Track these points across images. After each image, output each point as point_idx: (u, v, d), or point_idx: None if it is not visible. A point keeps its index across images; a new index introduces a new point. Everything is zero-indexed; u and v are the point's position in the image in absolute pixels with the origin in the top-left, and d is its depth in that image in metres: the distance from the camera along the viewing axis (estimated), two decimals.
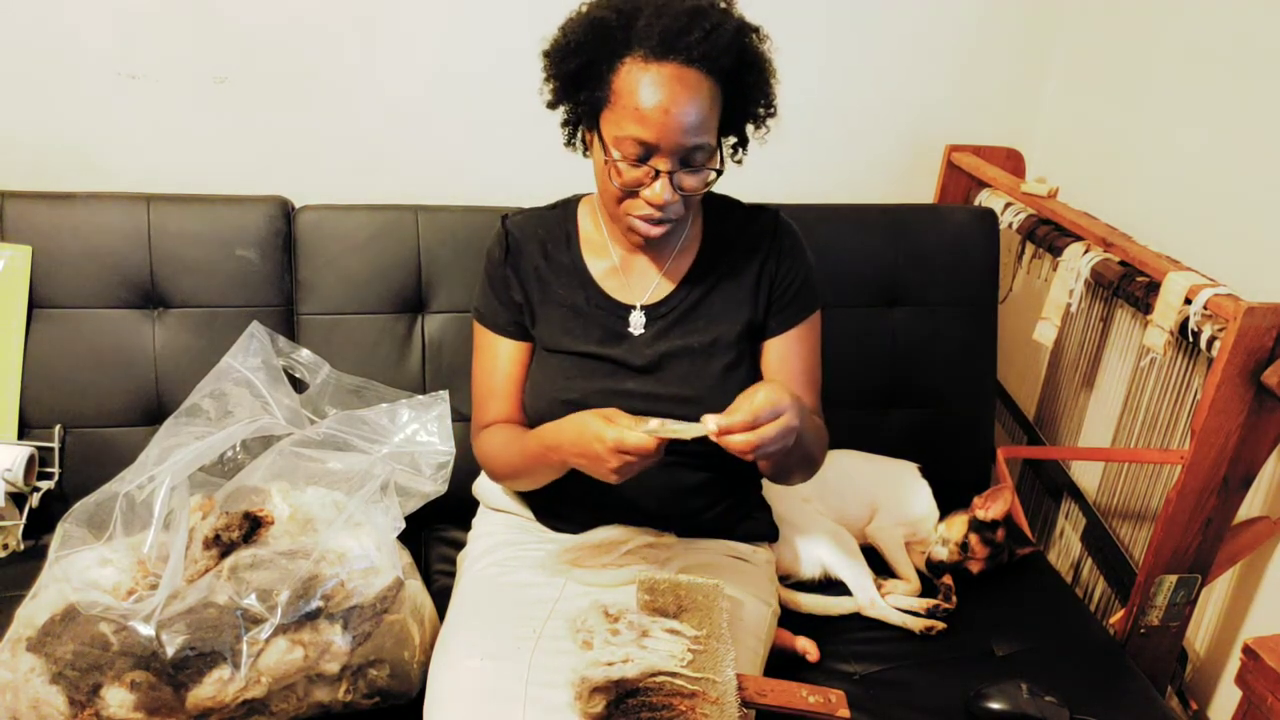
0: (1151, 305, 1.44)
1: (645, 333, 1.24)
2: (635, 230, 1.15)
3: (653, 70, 1.05)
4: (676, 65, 1.05)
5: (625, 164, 1.09)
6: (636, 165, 1.08)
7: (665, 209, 1.11)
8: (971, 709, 1.28)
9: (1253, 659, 1.10)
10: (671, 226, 1.16)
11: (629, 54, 1.06)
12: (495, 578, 1.25)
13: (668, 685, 1.04)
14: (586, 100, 1.11)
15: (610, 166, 1.10)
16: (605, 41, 1.07)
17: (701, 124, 1.07)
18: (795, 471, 1.25)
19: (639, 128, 1.06)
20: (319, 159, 1.77)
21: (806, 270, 1.28)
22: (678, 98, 1.05)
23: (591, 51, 1.08)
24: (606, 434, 1.02)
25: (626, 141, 1.07)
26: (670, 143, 1.06)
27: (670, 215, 1.13)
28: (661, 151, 1.07)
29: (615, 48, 1.06)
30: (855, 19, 1.86)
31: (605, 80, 1.07)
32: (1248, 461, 1.38)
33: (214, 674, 1.08)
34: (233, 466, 1.35)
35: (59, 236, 1.49)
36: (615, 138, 1.08)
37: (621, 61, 1.06)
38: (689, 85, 1.05)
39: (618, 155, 1.08)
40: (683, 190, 1.11)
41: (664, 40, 1.04)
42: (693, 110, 1.05)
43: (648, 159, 1.08)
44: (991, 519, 1.55)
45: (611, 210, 1.16)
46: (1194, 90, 1.62)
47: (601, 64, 1.07)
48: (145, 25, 1.63)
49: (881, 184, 1.99)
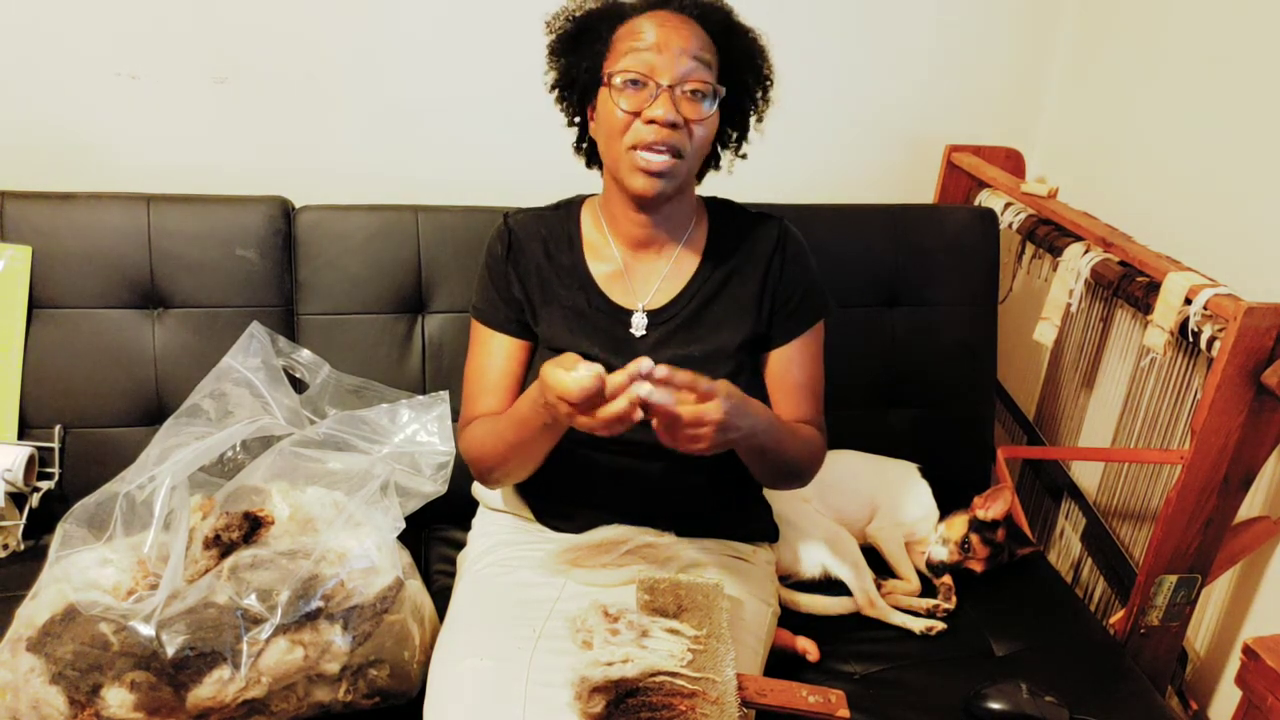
0: (1151, 305, 1.44)
1: (647, 335, 1.24)
2: (645, 168, 1.14)
3: (648, 14, 1.16)
4: (670, 11, 1.16)
5: (627, 85, 1.13)
6: (637, 88, 1.12)
7: (667, 138, 1.12)
8: (971, 709, 1.28)
9: (1253, 659, 1.10)
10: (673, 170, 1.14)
11: (629, 16, 1.17)
12: (495, 578, 1.25)
13: (668, 685, 1.04)
14: (589, 65, 1.17)
15: (613, 93, 1.13)
16: (604, 13, 1.18)
17: (698, 51, 1.14)
18: (779, 478, 1.26)
19: (643, 45, 1.13)
20: (319, 159, 1.77)
21: (810, 280, 1.28)
22: (679, 24, 1.14)
23: (593, 16, 1.18)
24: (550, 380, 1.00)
25: (629, 57, 1.13)
26: (672, 54, 1.12)
27: (672, 144, 1.13)
28: (664, 67, 1.12)
29: (612, 18, 1.17)
30: (855, 19, 1.86)
31: (605, 39, 1.16)
32: (1248, 461, 1.38)
33: (214, 674, 1.08)
34: (233, 466, 1.35)
35: (59, 236, 1.49)
36: (617, 67, 1.14)
37: (622, 22, 1.17)
38: (683, 21, 1.15)
39: (619, 81, 1.13)
40: (686, 118, 1.13)
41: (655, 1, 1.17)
42: (688, 36, 1.14)
43: (649, 78, 1.12)
44: (991, 519, 1.55)
45: (617, 157, 1.15)
46: (1194, 90, 1.62)
47: (601, 25, 1.17)
48: (145, 25, 1.63)
49: (881, 184, 1.99)
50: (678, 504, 1.28)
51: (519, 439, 1.16)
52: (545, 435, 1.14)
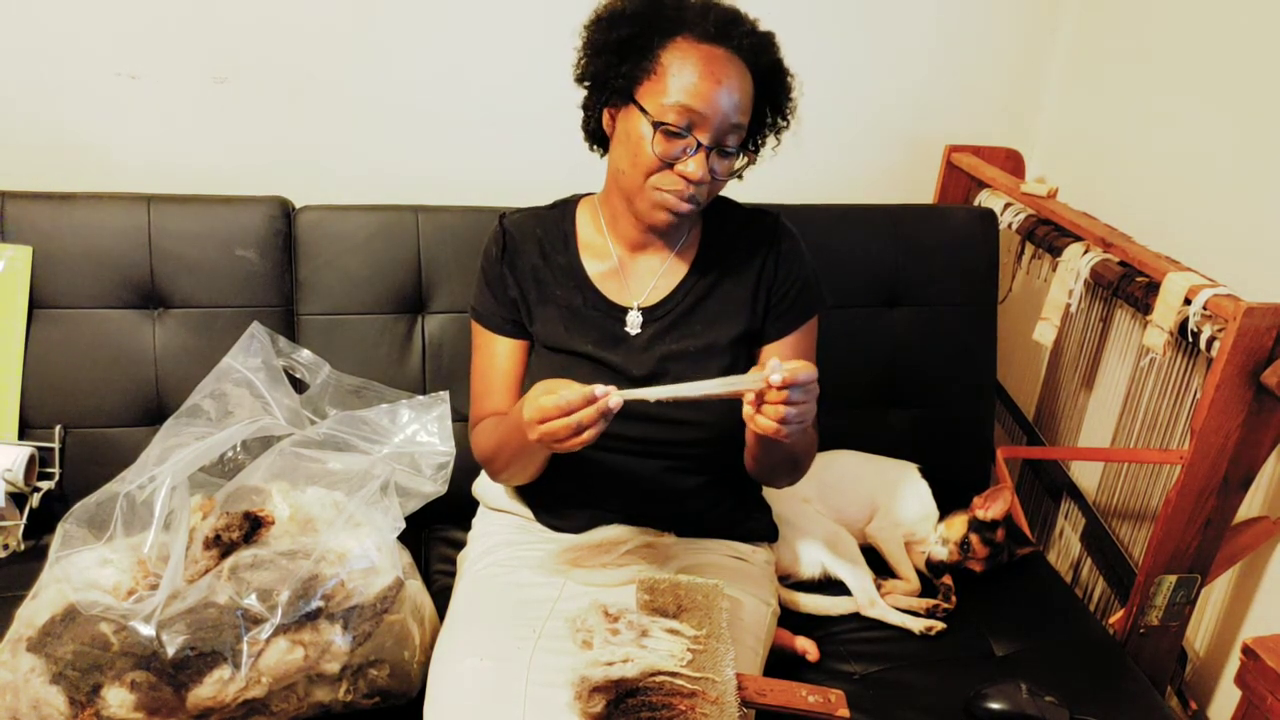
0: (1151, 305, 1.44)
1: (642, 333, 1.24)
2: (663, 207, 1.14)
3: (706, 49, 1.10)
4: (728, 50, 1.11)
5: (667, 134, 1.10)
6: (678, 137, 1.10)
7: (693, 194, 1.13)
8: (971, 709, 1.28)
9: (1252, 659, 1.11)
10: (690, 213, 1.16)
11: (682, 33, 1.11)
12: (495, 578, 1.25)
13: (668, 685, 1.04)
14: (627, 73, 1.13)
15: (654, 134, 1.10)
16: (659, 16, 1.12)
17: (741, 108, 1.12)
18: (783, 472, 1.26)
19: (690, 98, 1.09)
20: (319, 159, 1.77)
21: (805, 275, 1.28)
22: (730, 75, 1.10)
23: (644, 23, 1.12)
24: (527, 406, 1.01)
25: (675, 109, 1.09)
26: (717, 116, 1.09)
27: (699, 196, 1.14)
28: (706, 125, 1.10)
29: (668, 25, 1.11)
30: (855, 19, 1.86)
31: (652, 53, 1.11)
32: (1247, 461, 1.38)
33: (214, 674, 1.08)
34: (233, 467, 1.35)
35: (59, 236, 1.49)
36: (662, 106, 1.10)
37: (673, 39, 1.11)
38: (737, 69, 1.11)
39: (662, 123, 1.09)
40: (715, 172, 1.13)
41: (719, 26, 1.11)
42: (739, 91, 1.11)
43: (689, 132, 1.10)
44: (991, 519, 1.55)
45: (635, 186, 1.14)
46: (1194, 90, 1.62)
47: (653, 36, 1.11)
48: (145, 25, 1.63)
49: (881, 184, 1.99)
50: (677, 504, 1.28)
51: (514, 443, 1.17)
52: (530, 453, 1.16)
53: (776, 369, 0.98)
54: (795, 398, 0.99)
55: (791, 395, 0.98)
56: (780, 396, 0.99)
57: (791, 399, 0.99)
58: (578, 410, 0.98)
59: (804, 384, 0.99)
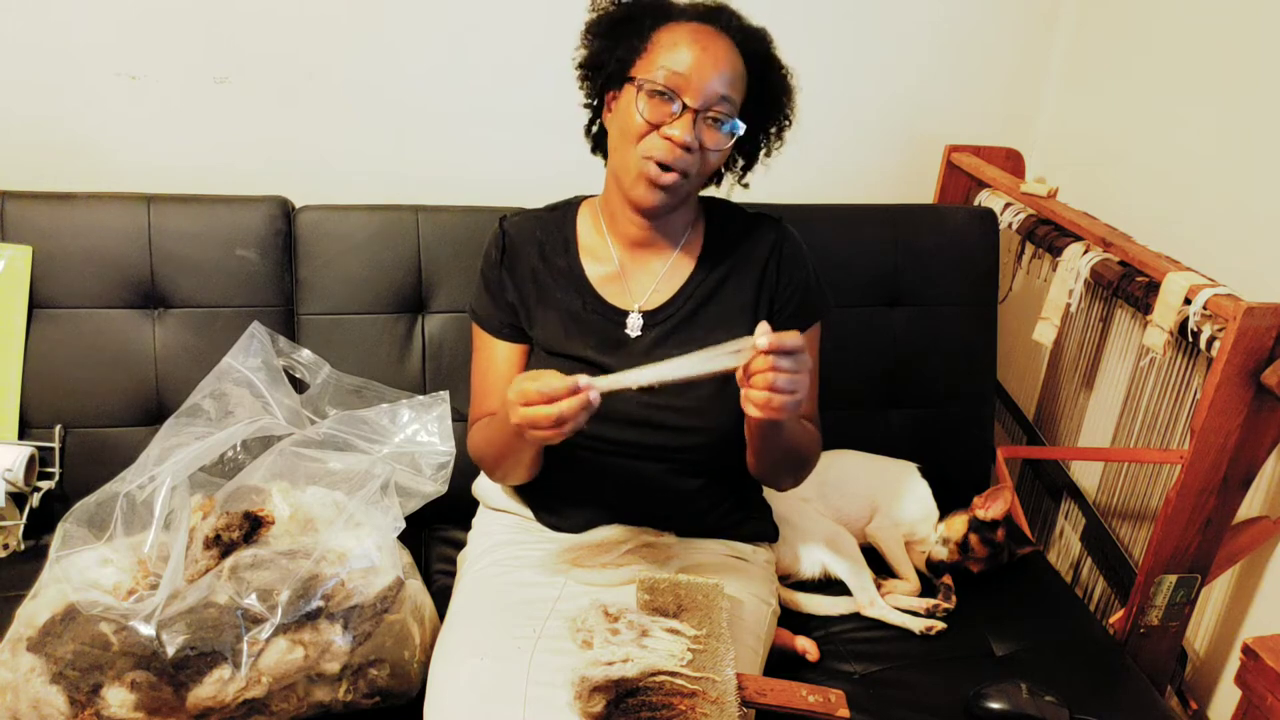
0: (1151, 305, 1.44)
1: (643, 336, 1.24)
2: (645, 176, 1.14)
3: (694, 25, 1.15)
4: (715, 29, 1.16)
5: (652, 94, 1.12)
6: (665, 99, 1.12)
7: (680, 158, 1.12)
8: (971, 709, 1.28)
9: (1252, 659, 1.10)
10: (676, 187, 1.15)
11: (671, 20, 1.16)
12: (495, 577, 1.25)
13: (668, 685, 1.04)
14: (622, 55, 1.16)
15: (640, 95, 1.12)
16: (651, 6, 1.18)
17: (730, 81, 1.14)
18: (784, 472, 1.26)
19: (677, 63, 1.12)
20: (319, 159, 1.77)
21: (807, 281, 1.28)
22: (717, 47, 1.14)
23: (637, 11, 1.18)
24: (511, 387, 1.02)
25: (662, 73, 1.12)
26: (703, 81, 1.11)
27: (682, 166, 1.13)
28: (692, 89, 1.12)
29: (660, 14, 1.17)
30: (855, 19, 1.86)
31: (646, 35, 1.16)
32: (1247, 461, 1.38)
33: (214, 674, 1.08)
34: (233, 466, 1.35)
35: (59, 236, 1.49)
36: (649, 71, 1.13)
37: (664, 24, 1.16)
38: (725, 45, 1.15)
39: (648, 84, 1.12)
40: (701, 143, 1.13)
41: (706, 11, 1.18)
42: (726, 65, 1.13)
43: (676, 96, 1.12)
44: (991, 519, 1.55)
45: (626, 162, 1.15)
46: (1194, 90, 1.62)
47: (646, 19, 1.17)
48: (145, 25, 1.63)
49: (881, 184, 2.00)
50: (678, 505, 1.28)
51: (501, 439, 1.18)
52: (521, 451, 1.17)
53: (764, 333, 0.98)
54: (783, 365, 0.98)
55: (779, 363, 0.98)
56: (767, 363, 0.98)
57: (779, 366, 0.98)
58: (560, 400, 0.99)
59: (792, 350, 0.99)
